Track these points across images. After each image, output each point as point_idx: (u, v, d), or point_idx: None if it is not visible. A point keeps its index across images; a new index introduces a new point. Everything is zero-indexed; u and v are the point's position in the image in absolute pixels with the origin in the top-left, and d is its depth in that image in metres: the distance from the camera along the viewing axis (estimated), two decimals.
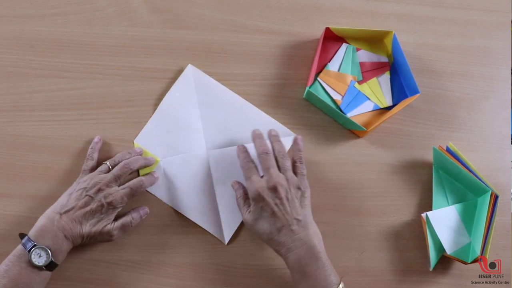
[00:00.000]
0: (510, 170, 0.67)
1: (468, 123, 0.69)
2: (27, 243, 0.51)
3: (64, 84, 0.65)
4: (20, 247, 0.51)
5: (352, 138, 0.67)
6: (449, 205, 0.64)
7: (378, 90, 0.69)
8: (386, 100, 0.68)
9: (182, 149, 0.64)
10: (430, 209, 0.63)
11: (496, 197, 0.62)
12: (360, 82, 0.69)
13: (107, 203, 0.55)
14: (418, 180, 0.66)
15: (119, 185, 0.57)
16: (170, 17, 0.69)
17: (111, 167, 0.59)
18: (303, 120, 0.66)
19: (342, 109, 0.67)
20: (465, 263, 0.59)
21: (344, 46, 0.70)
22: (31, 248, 0.50)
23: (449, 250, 0.60)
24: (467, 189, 0.65)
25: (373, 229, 0.63)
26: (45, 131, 0.64)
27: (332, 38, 0.70)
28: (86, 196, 0.55)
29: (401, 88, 0.68)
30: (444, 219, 0.62)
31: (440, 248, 0.61)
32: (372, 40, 0.71)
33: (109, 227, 0.55)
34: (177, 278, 0.60)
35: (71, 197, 0.55)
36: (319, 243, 0.52)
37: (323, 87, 0.68)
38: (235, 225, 0.62)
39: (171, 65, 0.67)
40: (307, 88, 0.65)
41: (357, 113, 0.67)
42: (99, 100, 0.65)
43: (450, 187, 0.65)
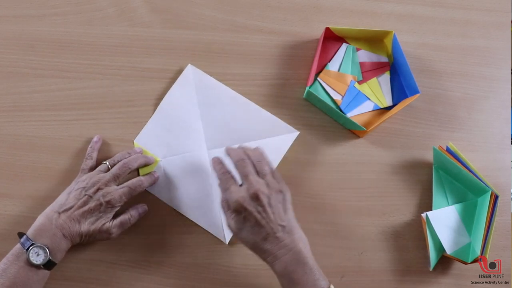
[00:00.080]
0: (510, 170, 0.67)
1: (468, 123, 0.69)
2: (25, 242, 0.51)
3: (64, 84, 0.66)
4: (19, 246, 0.51)
5: (352, 138, 0.67)
6: (449, 205, 0.64)
7: (378, 90, 0.69)
8: (386, 100, 0.68)
9: (182, 149, 0.64)
10: (430, 209, 0.63)
11: (496, 197, 0.62)
12: (360, 82, 0.69)
13: (106, 202, 0.55)
14: (418, 180, 0.66)
15: (118, 184, 0.57)
16: (170, 17, 0.69)
17: (111, 167, 0.59)
18: (303, 120, 0.66)
19: (342, 109, 0.67)
20: (465, 263, 0.59)
21: (344, 46, 0.70)
22: (29, 247, 0.50)
23: (449, 250, 0.60)
24: (467, 189, 0.65)
25: (373, 229, 0.63)
26: (45, 131, 0.64)
27: (332, 38, 0.70)
28: (85, 196, 0.55)
29: (401, 88, 0.68)
30: (444, 219, 0.62)
31: (440, 248, 0.61)
32: (372, 40, 0.71)
33: (108, 225, 0.55)
34: (177, 278, 0.60)
35: (70, 196, 0.55)
36: (305, 248, 0.51)
37: (323, 87, 0.68)
38: None
39: (171, 65, 0.67)
40: (307, 88, 0.65)
41: (357, 113, 0.67)
42: (99, 100, 0.65)
43: (450, 187, 0.65)
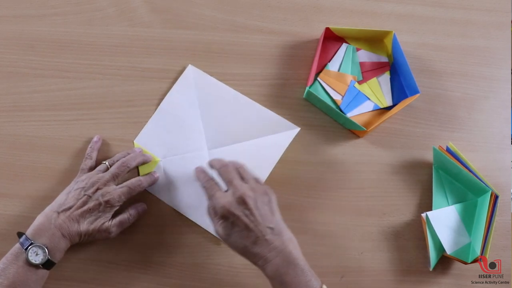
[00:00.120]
0: (510, 170, 0.67)
1: (468, 123, 0.69)
2: (24, 242, 0.51)
3: (64, 84, 0.66)
4: (18, 246, 0.51)
5: (352, 138, 0.67)
6: (449, 205, 0.64)
7: (378, 90, 0.69)
8: (386, 100, 0.68)
9: (182, 149, 0.64)
10: (430, 209, 0.63)
11: (496, 197, 0.62)
12: (360, 82, 0.69)
13: (105, 202, 0.55)
14: (418, 180, 0.66)
15: (118, 184, 0.57)
16: (170, 17, 0.69)
17: (110, 167, 0.59)
18: (303, 120, 0.66)
19: (342, 109, 0.67)
20: (465, 263, 0.59)
21: (344, 46, 0.70)
22: (28, 247, 0.50)
23: (449, 250, 0.60)
24: (467, 189, 0.65)
25: (373, 229, 0.63)
26: (45, 131, 0.64)
27: (332, 38, 0.70)
28: (84, 196, 0.55)
29: (401, 88, 0.68)
30: (444, 219, 0.62)
31: (440, 248, 0.61)
32: (372, 40, 0.71)
33: (107, 225, 0.55)
34: (177, 278, 0.60)
35: (69, 196, 0.55)
36: (295, 249, 0.51)
37: (323, 87, 0.68)
38: None
39: (171, 65, 0.67)
40: (307, 88, 0.65)
41: (357, 113, 0.67)
42: (99, 100, 0.65)
43: (450, 187, 0.65)
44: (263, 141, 0.63)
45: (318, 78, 0.68)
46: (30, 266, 0.50)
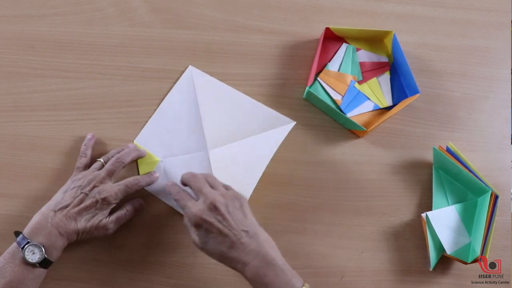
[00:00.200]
0: (510, 170, 0.67)
1: (468, 123, 0.69)
2: (21, 241, 0.51)
3: (64, 84, 0.66)
4: (15, 245, 0.51)
5: (352, 138, 0.67)
6: (449, 205, 0.64)
7: (378, 90, 0.69)
8: (386, 100, 0.68)
9: (182, 149, 0.64)
10: (430, 209, 0.63)
11: (496, 197, 0.62)
12: (360, 82, 0.69)
13: (102, 199, 0.55)
14: (418, 180, 0.66)
15: (114, 180, 0.58)
16: (170, 17, 0.69)
17: (105, 163, 0.59)
18: (303, 120, 0.66)
19: (342, 109, 0.67)
20: (465, 263, 0.59)
21: (344, 46, 0.70)
22: (25, 245, 0.50)
23: (449, 250, 0.60)
24: (467, 189, 0.65)
25: (373, 229, 0.63)
26: (45, 131, 0.64)
27: (332, 38, 0.70)
28: (81, 194, 0.55)
29: (401, 88, 0.68)
30: (444, 219, 0.62)
31: (440, 248, 0.61)
32: (372, 40, 0.71)
33: (105, 221, 0.55)
34: (177, 278, 0.60)
35: (66, 195, 0.55)
36: (272, 249, 0.51)
37: (323, 87, 0.68)
38: None
39: (171, 65, 0.67)
40: (307, 88, 0.65)
41: (357, 113, 0.67)
42: (99, 100, 0.65)
43: (450, 187, 0.65)
44: (261, 137, 0.63)
45: (318, 78, 0.68)
46: (27, 265, 0.50)
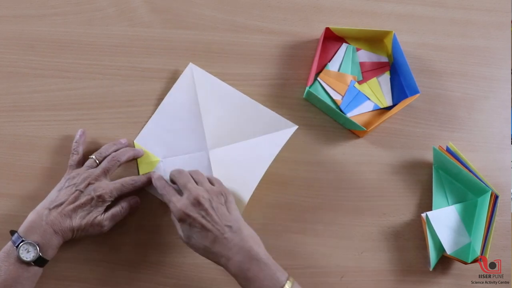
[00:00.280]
0: (510, 170, 0.67)
1: (468, 123, 0.69)
2: (16, 239, 0.51)
3: (64, 84, 0.66)
4: (10, 244, 0.51)
5: (352, 138, 0.67)
6: (449, 205, 0.64)
7: (378, 90, 0.69)
8: (386, 100, 0.68)
9: (183, 149, 0.64)
10: (430, 209, 0.63)
11: (496, 197, 0.62)
12: (360, 82, 0.69)
13: (97, 196, 0.55)
14: (418, 180, 0.66)
15: (110, 178, 0.58)
16: (170, 17, 0.69)
17: (98, 160, 0.59)
18: (303, 120, 0.66)
19: (342, 109, 0.67)
20: (465, 263, 0.59)
21: (344, 46, 0.70)
22: (19, 244, 0.50)
23: (449, 250, 0.60)
24: (467, 189, 0.65)
25: (373, 229, 0.63)
26: (45, 131, 0.64)
27: (332, 38, 0.70)
28: (76, 191, 0.55)
29: (401, 88, 0.68)
30: (444, 219, 0.62)
31: (440, 248, 0.61)
32: (372, 40, 0.71)
33: (100, 218, 0.55)
34: (177, 278, 0.60)
35: (61, 193, 0.55)
36: (256, 244, 0.51)
37: (323, 87, 0.68)
38: None
39: (171, 65, 0.67)
40: (307, 88, 0.65)
41: (357, 113, 0.67)
42: (99, 100, 0.65)
43: (450, 187, 0.65)
44: (262, 140, 0.63)
45: (318, 78, 0.68)
46: (22, 264, 0.50)
